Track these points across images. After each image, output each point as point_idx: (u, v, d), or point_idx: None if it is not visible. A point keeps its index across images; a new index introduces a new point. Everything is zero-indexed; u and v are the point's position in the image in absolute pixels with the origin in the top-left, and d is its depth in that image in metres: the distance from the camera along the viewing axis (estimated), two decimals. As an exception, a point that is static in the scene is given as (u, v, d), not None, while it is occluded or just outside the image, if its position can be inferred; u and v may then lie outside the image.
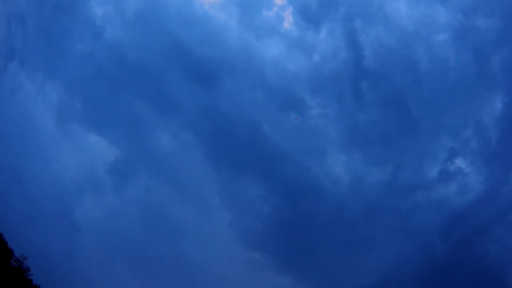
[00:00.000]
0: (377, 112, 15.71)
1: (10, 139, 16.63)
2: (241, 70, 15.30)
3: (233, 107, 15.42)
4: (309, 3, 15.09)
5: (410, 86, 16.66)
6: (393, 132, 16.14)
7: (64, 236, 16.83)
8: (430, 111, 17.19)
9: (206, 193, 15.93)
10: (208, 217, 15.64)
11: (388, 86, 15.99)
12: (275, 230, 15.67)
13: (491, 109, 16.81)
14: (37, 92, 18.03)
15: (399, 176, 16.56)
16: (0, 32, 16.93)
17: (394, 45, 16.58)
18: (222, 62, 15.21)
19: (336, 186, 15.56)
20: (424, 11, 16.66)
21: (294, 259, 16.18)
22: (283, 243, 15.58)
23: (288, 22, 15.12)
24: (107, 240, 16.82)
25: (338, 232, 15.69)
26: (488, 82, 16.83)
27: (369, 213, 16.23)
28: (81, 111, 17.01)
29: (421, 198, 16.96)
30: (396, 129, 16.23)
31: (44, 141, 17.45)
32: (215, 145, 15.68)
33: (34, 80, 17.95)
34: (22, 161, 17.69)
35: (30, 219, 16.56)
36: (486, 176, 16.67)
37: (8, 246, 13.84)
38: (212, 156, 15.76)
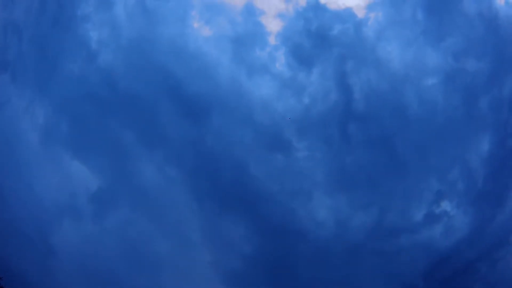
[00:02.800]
0: (364, 155, 15.91)
1: (-7, 153, 16.38)
2: (231, 107, 15.55)
3: (221, 144, 15.58)
4: (302, 43, 15.55)
5: (398, 129, 17.00)
6: (379, 175, 16.34)
7: (40, 259, 16.41)
8: (417, 153, 17.50)
9: (187, 229, 15.63)
10: (188, 254, 15.38)
11: (376, 129, 16.31)
12: (256, 271, 15.39)
13: (478, 150, 17.19)
14: (26, 109, 17.87)
15: (384, 219, 16.62)
16: (-4, 40, 16.95)
17: (384, 88, 17.05)
18: (212, 98, 15.55)
19: (320, 228, 15.44)
20: (415, 54, 17.22)
21: (276, 301, 16.07)
22: (265, 284, 15.37)
23: (280, 62, 15.61)
24: (84, 267, 16.42)
25: (321, 274, 15.51)
26: (476, 123, 17.27)
27: (353, 255, 16.13)
28: (66, 135, 16.88)
29: (405, 241, 17.00)
30: (382, 172, 16.45)
31: (28, 160, 17.21)
32: (200, 182, 15.65)
33: (23, 96, 17.82)
34: (3, 177, 17.34)
35: (7, 237, 16.15)
36: (472, 217, 16.86)
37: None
38: (196, 193, 15.64)
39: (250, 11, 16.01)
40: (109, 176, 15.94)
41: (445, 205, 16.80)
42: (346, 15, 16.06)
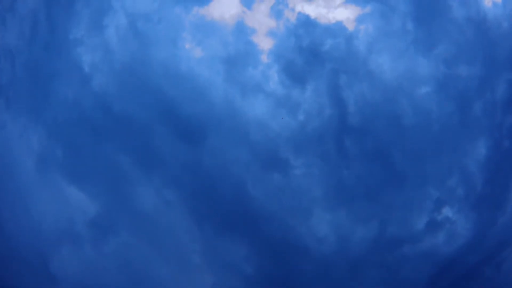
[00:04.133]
0: (361, 168, 15.79)
1: (-12, 180, 16.25)
2: (226, 128, 15.41)
3: (218, 165, 15.43)
4: (295, 60, 15.57)
5: (394, 139, 16.97)
6: (378, 187, 16.22)
7: (41, 286, 16.20)
8: (415, 162, 17.47)
9: (188, 252, 15.41)
10: (190, 277, 15.20)
11: (372, 141, 16.24)
12: (259, 291, 15.42)
13: (475, 155, 17.20)
14: (20, 134, 17.81)
15: (386, 231, 16.52)
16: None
17: (377, 100, 17.07)
18: (207, 119, 15.39)
19: (321, 244, 15.27)
20: (407, 64, 17.29)
21: (280, 320, 15.89)
22: (268, 305, 15.28)
23: (273, 80, 15.44)
24: (85, 293, 16.22)
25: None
26: (471, 128, 17.30)
27: (356, 269, 16.00)
28: (62, 160, 16.76)
29: (408, 251, 16.91)
30: (381, 184, 16.34)
31: (24, 186, 17.08)
32: (199, 204, 15.47)
33: (17, 122, 17.76)
34: (0, 204, 17.20)
35: (6, 264, 15.97)
36: (473, 221, 16.83)
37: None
38: (195, 215, 15.47)
39: (241, 30, 16.01)
40: (107, 201, 15.87)
41: (446, 212, 16.79)
42: (336, 29, 16.17)
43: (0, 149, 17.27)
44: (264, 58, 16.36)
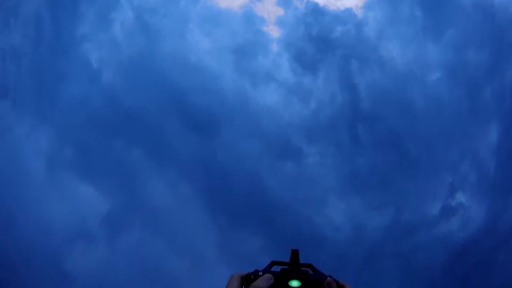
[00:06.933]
0: (375, 155, 15.60)
1: (-1, 182, 16.03)
2: (238, 119, 15.21)
3: (231, 157, 15.20)
4: (305, 48, 15.29)
5: (406, 126, 16.74)
6: (392, 173, 16.01)
7: (56, 286, 15.99)
8: (427, 149, 17.22)
9: (203, 246, 15.09)
10: (205, 270, 14.97)
11: (384, 128, 16.00)
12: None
13: (486, 140, 16.92)
14: (28, 135, 17.53)
15: (400, 218, 16.30)
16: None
17: (388, 87, 16.81)
18: (219, 111, 15.15)
19: (337, 233, 15.04)
20: (417, 51, 17.01)
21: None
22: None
23: (284, 69, 15.18)
24: (100, 291, 15.98)
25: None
26: (482, 114, 17.02)
27: (371, 257, 15.81)
28: (72, 159, 16.49)
29: (423, 237, 16.65)
30: (394, 171, 16.13)
31: (34, 187, 16.82)
32: (213, 197, 15.25)
33: (25, 122, 17.47)
34: (12, 205, 16.95)
35: (20, 266, 15.74)
36: (486, 207, 16.55)
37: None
38: (209, 208, 15.26)
39: (249, 20, 15.87)
40: (120, 197, 15.66)
41: (460, 197, 16.50)
42: (346, 16, 15.95)
43: (9, 150, 17.03)
44: (274, 47, 16.20)
